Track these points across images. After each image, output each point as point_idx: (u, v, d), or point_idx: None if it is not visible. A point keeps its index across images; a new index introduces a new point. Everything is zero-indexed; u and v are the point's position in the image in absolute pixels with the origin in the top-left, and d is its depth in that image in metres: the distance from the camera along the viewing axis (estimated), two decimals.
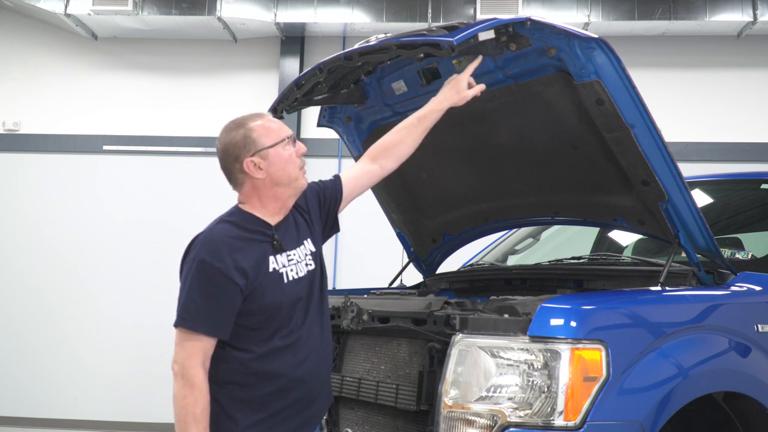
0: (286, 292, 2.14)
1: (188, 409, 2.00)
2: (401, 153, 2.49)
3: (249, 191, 2.20)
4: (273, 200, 2.20)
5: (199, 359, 2.03)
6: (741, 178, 3.73)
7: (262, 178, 2.16)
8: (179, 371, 2.03)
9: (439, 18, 6.88)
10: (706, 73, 7.40)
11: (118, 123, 7.59)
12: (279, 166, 2.17)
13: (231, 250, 2.06)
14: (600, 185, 2.82)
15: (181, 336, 2.05)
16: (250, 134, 2.16)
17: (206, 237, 2.11)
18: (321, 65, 2.75)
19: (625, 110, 2.42)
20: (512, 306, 2.20)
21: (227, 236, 2.10)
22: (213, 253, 2.05)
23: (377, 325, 2.53)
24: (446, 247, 3.62)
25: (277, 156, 2.17)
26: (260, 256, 2.12)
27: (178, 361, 2.03)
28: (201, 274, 2.04)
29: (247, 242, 2.11)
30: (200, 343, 2.04)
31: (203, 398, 2.02)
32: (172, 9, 6.98)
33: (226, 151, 2.18)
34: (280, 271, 2.15)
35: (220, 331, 2.06)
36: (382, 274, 3.76)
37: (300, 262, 2.21)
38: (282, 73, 7.43)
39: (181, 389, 2.01)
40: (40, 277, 7.36)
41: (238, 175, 2.18)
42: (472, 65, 2.51)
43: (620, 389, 2.04)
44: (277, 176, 2.17)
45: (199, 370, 2.03)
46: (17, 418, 7.12)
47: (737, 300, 2.56)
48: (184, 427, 2.00)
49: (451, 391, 2.11)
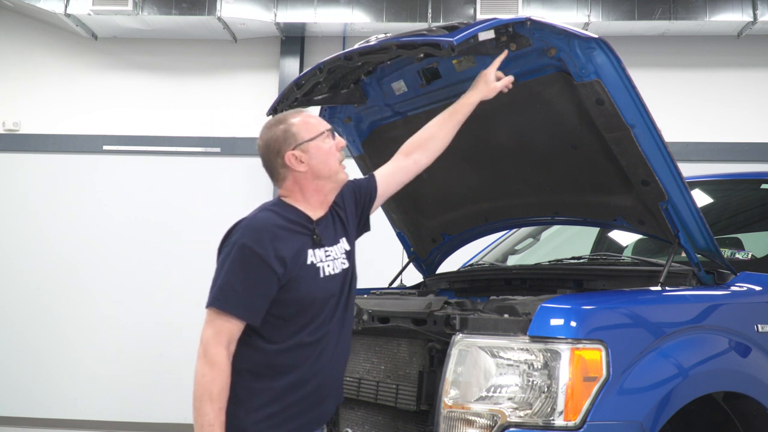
0: (321, 287, 2.16)
1: (205, 387, 2.01)
2: (435, 147, 2.52)
3: (291, 185, 2.24)
4: (315, 193, 2.25)
5: (224, 340, 2.04)
6: (741, 178, 3.73)
7: (304, 171, 2.21)
8: (203, 350, 2.04)
9: (439, 18, 6.87)
10: (706, 73, 7.40)
11: (118, 123, 7.58)
12: (320, 158, 2.22)
13: (273, 238, 2.09)
14: (600, 185, 2.82)
15: (211, 316, 2.07)
16: (290, 129, 2.22)
17: (249, 223, 2.14)
18: (321, 65, 2.75)
19: (625, 110, 2.42)
20: (512, 306, 2.20)
21: (270, 224, 2.13)
22: (255, 239, 2.08)
23: (377, 325, 2.53)
24: (446, 247, 3.62)
25: (318, 149, 2.22)
26: (300, 247, 2.15)
27: (204, 340, 2.05)
28: (241, 258, 2.06)
29: (288, 232, 2.14)
30: (229, 325, 2.05)
31: (222, 379, 2.03)
32: (172, 9, 6.98)
33: (267, 146, 2.23)
34: (317, 266, 2.17)
35: (252, 316, 2.07)
36: (382, 274, 3.76)
37: (336, 259, 2.24)
38: (282, 73, 7.43)
39: (202, 367, 2.03)
40: (40, 277, 7.36)
41: (281, 170, 2.23)
42: (499, 59, 2.50)
43: (620, 389, 2.04)
44: (318, 169, 2.22)
45: (222, 350, 2.04)
46: (17, 418, 7.12)
47: (737, 300, 2.56)
48: (199, 404, 2.01)
49: (451, 391, 2.11)
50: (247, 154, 7.34)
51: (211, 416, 2.00)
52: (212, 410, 2.00)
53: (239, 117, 7.47)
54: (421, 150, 2.51)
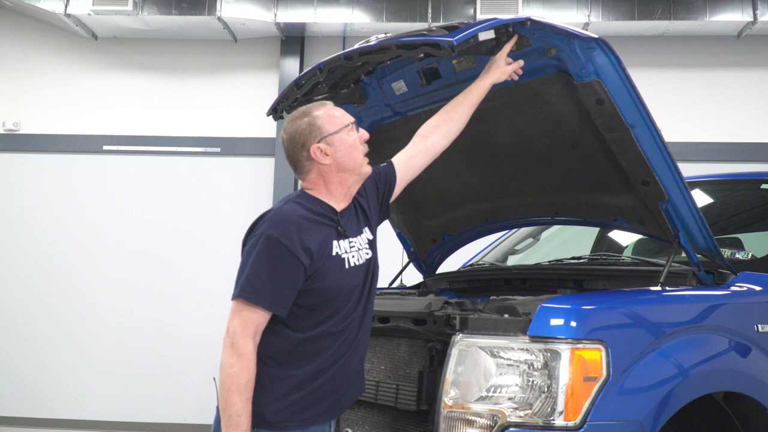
0: (346, 278, 2.18)
1: (233, 378, 2.02)
2: (451, 129, 2.53)
3: (315, 178, 2.25)
4: (339, 186, 2.26)
5: (251, 331, 2.06)
6: (741, 178, 3.73)
7: (329, 164, 2.22)
8: (229, 341, 2.05)
9: (439, 18, 6.87)
10: (706, 73, 7.39)
11: (118, 123, 7.58)
12: (344, 151, 2.23)
13: (299, 230, 2.10)
14: (600, 185, 2.82)
15: (238, 307, 2.07)
16: (315, 121, 2.23)
17: (276, 214, 2.14)
18: (321, 65, 2.75)
19: (625, 110, 2.42)
20: (512, 306, 2.20)
21: (297, 215, 2.13)
22: (282, 230, 2.08)
23: (377, 325, 2.53)
24: (446, 247, 3.62)
25: (342, 142, 2.23)
26: (325, 238, 2.16)
27: (230, 331, 2.06)
28: (268, 249, 2.07)
29: (314, 224, 2.16)
30: (256, 316, 2.06)
31: (250, 369, 2.04)
32: (172, 9, 6.98)
33: (292, 139, 2.24)
34: (342, 257, 2.19)
35: (279, 307, 2.08)
36: (382, 274, 3.75)
37: (361, 249, 2.27)
38: (282, 73, 7.43)
39: (229, 358, 2.03)
40: (40, 277, 7.36)
41: (306, 163, 2.24)
42: (509, 44, 2.49)
43: (620, 389, 2.04)
44: (342, 161, 2.23)
45: (249, 341, 2.05)
46: (18, 418, 7.12)
47: (737, 300, 2.56)
48: (227, 395, 2.02)
49: (451, 391, 2.11)
50: (247, 154, 7.35)
51: (239, 406, 2.01)
52: (240, 401, 2.01)
53: (239, 117, 7.47)
54: (439, 132, 2.52)
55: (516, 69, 2.53)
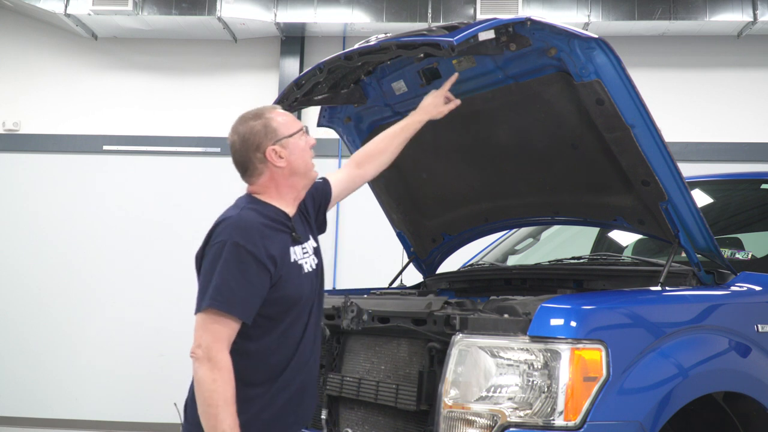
0: (304, 284, 2.18)
1: (219, 392, 1.95)
2: (383, 161, 2.61)
3: (267, 181, 2.23)
4: (290, 190, 2.25)
5: (225, 342, 2.00)
6: (741, 178, 3.73)
7: (282, 167, 2.20)
8: (205, 355, 1.97)
9: (439, 18, 6.87)
10: (706, 73, 7.39)
11: (118, 123, 7.58)
12: (298, 155, 2.22)
13: (262, 237, 2.08)
14: (600, 185, 2.82)
15: (208, 319, 2.00)
16: (270, 123, 2.20)
17: (237, 222, 2.09)
18: (321, 65, 2.75)
19: (625, 110, 2.42)
20: (512, 306, 2.20)
21: (257, 222, 2.11)
22: (247, 237, 2.05)
23: (377, 325, 2.53)
24: (446, 247, 3.62)
25: (296, 145, 2.22)
26: (284, 245, 2.15)
27: (203, 345, 1.98)
28: (236, 257, 2.02)
29: (272, 231, 2.14)
30: (228, 326, 2.01)
31: (231, 381, 1.98)
32: (172, 9, 6.98)
33: (245, 141, 2.20)
34: (299, 263, 2.19)
35: (249, 316, 2.04)
36: (382, 274, 3.76)
37: (310, 255, 2.26)
38: (282, 73, 7.43)
39: (210, 372, 1.96)
40: (40, 277, 7.35)
41: (258, 165, 2.20)
42: (449, 81, 2.66)
43: (620, 389, 2.04)
44: (296, 165, 2.22)
45: (226, 353, 1.99)
46: (18, 418, 7.12)
47: (737, 300, 2.56)
48: (215, 411, 1.95)
49: (451, 391, 2.11)
50: None
51: (230, 421, 1.96)
52: (230, 415, 1.96)
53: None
54: (372, 162, 2.59)
55: (452, 108, 2.65)
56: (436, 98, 2.63)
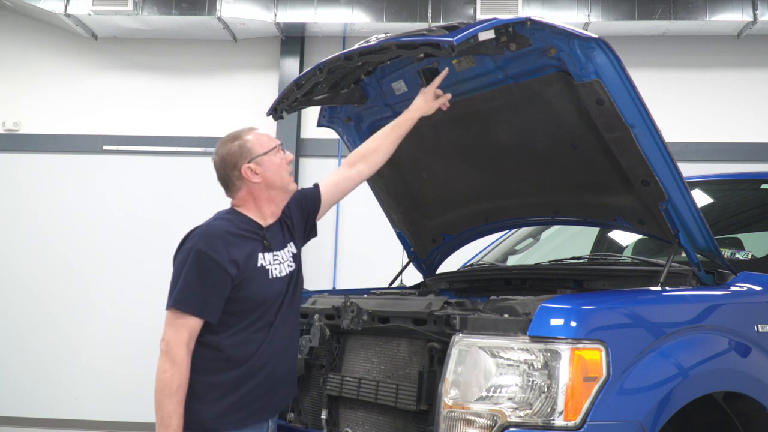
0: (271, 287, 2.38)
1: (166, 383, 2.21)
2: (377, 159, 2.71)
3: (245, 195, 2.45)
4: (268, 203, 2.46)
5: (185, 339, 2.25)
6: (741, 178, 3.73)
7: (258, 182, 2.42)
8: (165, 348, 2.24)
9: (439, 18, 6.87)
10: (706, 73, 7.40)
11: (118, 123, 7.59)
12: (272, 170, 2.44)
13: (226, 244, 2.31)
14: (600, 185, 2.82)
15: (172, 317, 2.29)
16: (245, 144, 2.43)
17: (204, 231, 2.35)
18: (321, 65, 2.75)
19: (625, 110, 2.42)
20: (512, 306, 2.20)
21: (223, 231, 2.34)
22: (210, 245, 2.29)
23: (377, 325, 2.53)
24: (446, 247, 3.62)
25: (270, 162, 2.44)
26: (251, 251, 2.36)
27: (166, 339, 2.26)
28: (198, 263, 2.27)
29: (240, 238, 2.36)
30: (189, 324, 2.26)
31: (182, 375, 2.22)
32: (172, 9, 6.98)
33: (224, 161, 2.44)
34: (267, 268, 2.38)
35: (209, 315, 2.28)
36: (382, 274, 3.76)
37: (283, 262, 2.45)
38: (282, 73, 7.43)
39: (164, 364, 2.23)
40: (40, 277, 7.36)
41: (236, 182, 2.43)
42: (439, 78, 2.72)
43: (620, 389, 2.04)
44: (271, 180, 2.44)
45: (183, 349, 2.24)
46: (18, 418, 7.12)
47: (737, 300, 2.56)
48: (160, 398, 2.21)
49: (451, 391, 2.11)
50: None
51: (170, 408, 2.20)
52: (171, 403, 2.20)
53: (239, 117, 7.45)
54: (365, 162, 2.70)
55: (444, 102, 2.74)
56: (426, 94, 2.72)
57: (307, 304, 3.02)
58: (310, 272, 7.51)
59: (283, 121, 4.55)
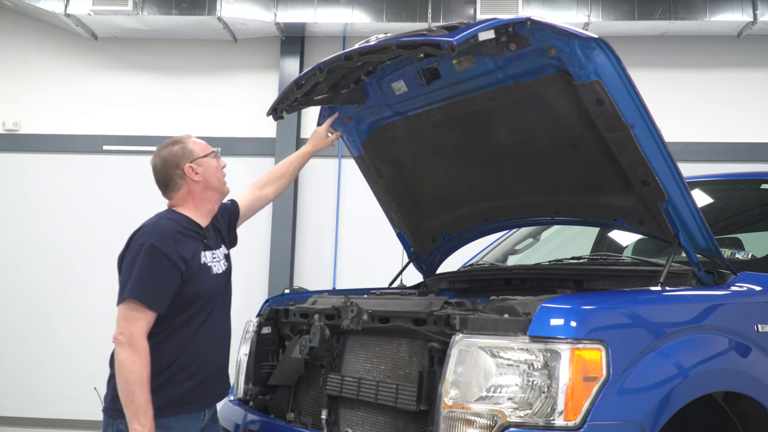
0: (212, 283, 2.56)
1: (136, 374, 2.31)
2: (282, 185, 3.11)
3: (184, 195, 2.63)
4: (204, 203, 2.65)
5: (144, 330, 2.37)
6: (741, 178, 3.73)
7: (198, 182, 2.61)
8: (127, 341, 2.33)
9: (439, 18, 6.88)
10: (706, 73, 7.40)
11: (118, 123, 7.59)
12: (211, 172, 2.65)
13: (175, 241, 2.47)
14: (600, 185, 2.82)
15: (129, 309, 2.37)
16: (186, 146, 2.64)
17: (155, 228, 2.49)
18: (321, 65, 2.75)
19: (625, 110, 2.42)
20: (512, 306, 2.20)
21: (172, 229, 2.50)
22: (162, 241, 2.43)
23: (377, 325, 2.53)
24: (446, 247, 3.62)
25: (209, 164, 2.65)
26: (195, 249, 2.54)
27: (125, 332, 2.35)
28: (152, 257, 2.40)
29: (186, 237, 2.53)
30: (146, 316, 2.38)
31: (146, 365, 2.34)
32: (172, 9, 6.98)
33: (166, 161, 2.61)
34: (209, 265, 2.57)
35: (162, 307, 2.41)
36: (382, 274, 3.76)
37: (219, 261, 2.65)
38: (282, 73, 7.44)
39: (130, 356, 2.32)
40: (40, 277, 7.36)
41: (178, 181, 2.61)
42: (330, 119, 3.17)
43: (620, 389, 2.03)
44: (209, 181, 2.64)
45: (145, 339, 2.36)
46: (17, 418, 7.12)
47: (737, 300, 2.56)
48: (132, 388, 2.31)
49: (451, 391, 2.11)
50: (247, 154, 7.35)
51: (145, 396, 2.31)
52: (144, 392, 2.31)
53: (239, 117, 7.47)
54: (273, 186, 3.06)
55: (334, 139, 3.24)
56: (321, 132, 3.17)
57: (307, 304, 3.02)
58: (310, 272, 7.53)
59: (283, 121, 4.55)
